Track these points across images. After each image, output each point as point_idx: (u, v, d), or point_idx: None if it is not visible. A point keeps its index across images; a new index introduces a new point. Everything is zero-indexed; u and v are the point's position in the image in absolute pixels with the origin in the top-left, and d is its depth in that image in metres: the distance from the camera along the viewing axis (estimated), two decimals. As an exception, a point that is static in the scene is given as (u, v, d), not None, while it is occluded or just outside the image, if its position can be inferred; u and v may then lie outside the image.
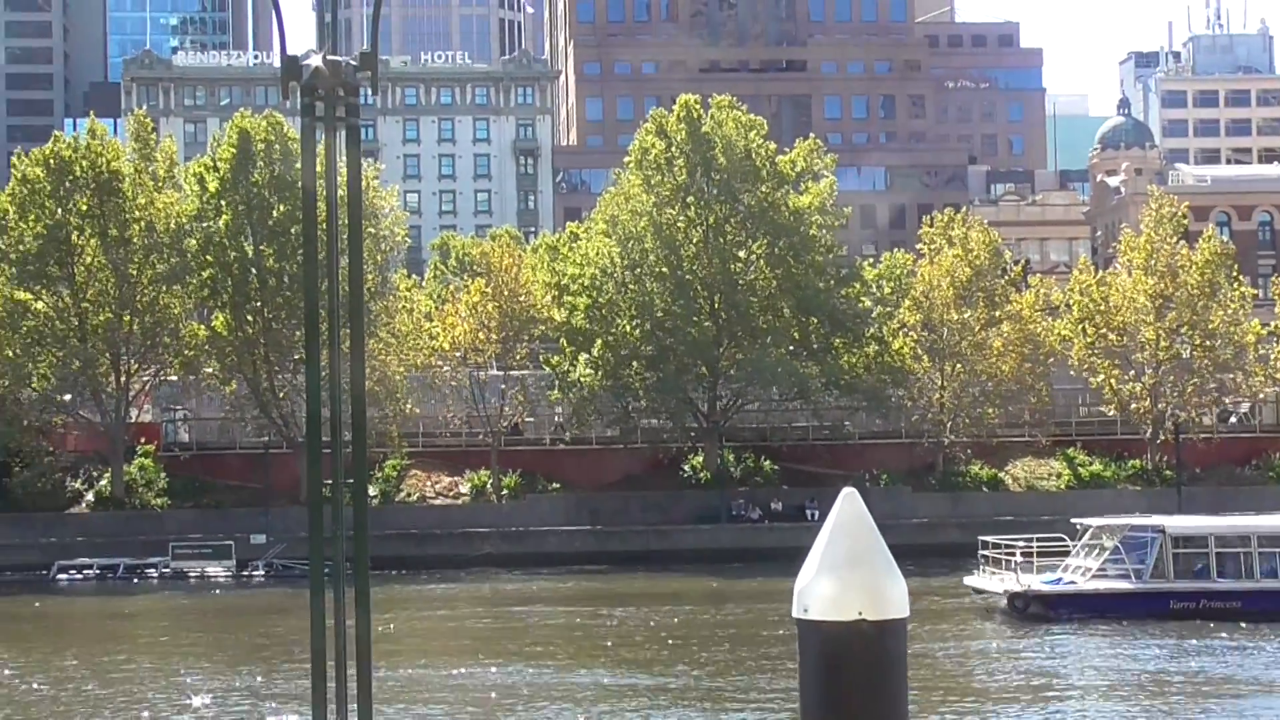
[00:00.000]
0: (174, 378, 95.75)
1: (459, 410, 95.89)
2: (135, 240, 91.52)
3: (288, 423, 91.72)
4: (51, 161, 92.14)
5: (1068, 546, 64.04)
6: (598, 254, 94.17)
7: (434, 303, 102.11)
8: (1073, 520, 66.03)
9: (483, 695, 46.65)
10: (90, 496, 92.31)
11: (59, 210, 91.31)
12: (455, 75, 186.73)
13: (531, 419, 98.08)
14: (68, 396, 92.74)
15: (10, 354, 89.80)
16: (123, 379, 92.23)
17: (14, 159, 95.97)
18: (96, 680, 50.72)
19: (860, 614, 9.75)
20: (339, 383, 11.24)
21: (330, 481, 11.44)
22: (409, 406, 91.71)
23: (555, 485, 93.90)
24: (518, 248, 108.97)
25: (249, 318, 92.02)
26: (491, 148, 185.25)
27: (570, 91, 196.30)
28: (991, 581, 63.05)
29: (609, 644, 57.57)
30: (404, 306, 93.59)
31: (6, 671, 53.15)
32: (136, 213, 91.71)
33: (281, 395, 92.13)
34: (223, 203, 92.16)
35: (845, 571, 9.82)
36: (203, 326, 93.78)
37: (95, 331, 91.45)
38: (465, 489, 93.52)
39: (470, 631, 63.81)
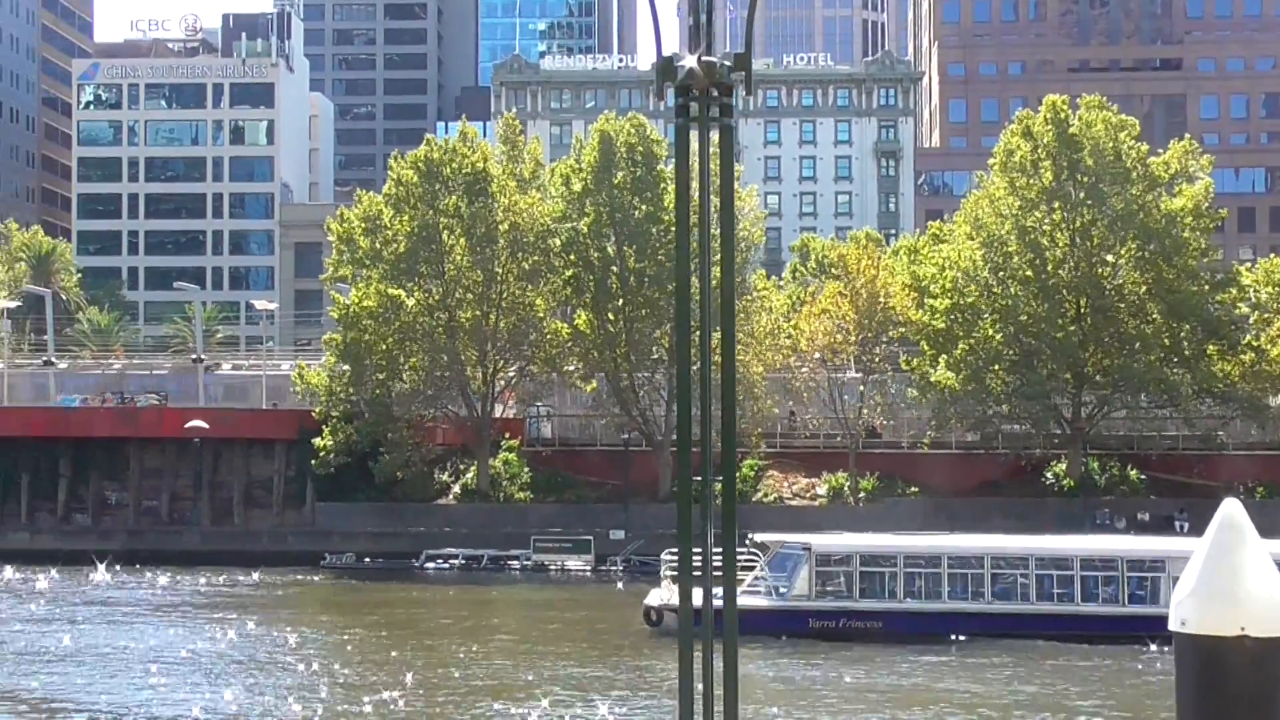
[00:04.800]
0: (537, 374, 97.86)
1: (817, 411, 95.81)
2: (501, 240, 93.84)
3: (647, 420, 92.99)
4: (423, 164, 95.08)
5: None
6: (960, 256, 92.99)
7: (792, 303, 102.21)
8: (748, 536, 63.42)
9: (829, 692, 46.57)
10: (457, 489, 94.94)
11: (430, 210, 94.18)
12: (817, 77, 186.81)
13: (890, 421, 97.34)
14: (433, 391, 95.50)
15: (384, 348, 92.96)
16: (488, 374, 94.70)
17: (390, 161, 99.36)
18: (462, 668, 52.15)
19: (1243, 629, 9.39)
20: (709, 382, 11.27)
21: (699, 478, 11.49)
22: (768, 406, 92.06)
23: (913, 489, 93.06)
24: (877, 249, 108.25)
25: (610, 316, 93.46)
26: (853, 149, 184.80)
27: (934, 93, 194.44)
28: (651, 595, 61.90)
29: (953, 653, 56.73)
30: (762, 307, 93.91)
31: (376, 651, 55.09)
32: (502, 213, 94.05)
33: (641, 393, 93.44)
34: (586, 203, 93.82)
35: (1228, 585, 9.46)
36: (565, 325, 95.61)
37: (463, 328, 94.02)
38: (822, 490, 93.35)
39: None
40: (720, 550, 11.23)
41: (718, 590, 11.25)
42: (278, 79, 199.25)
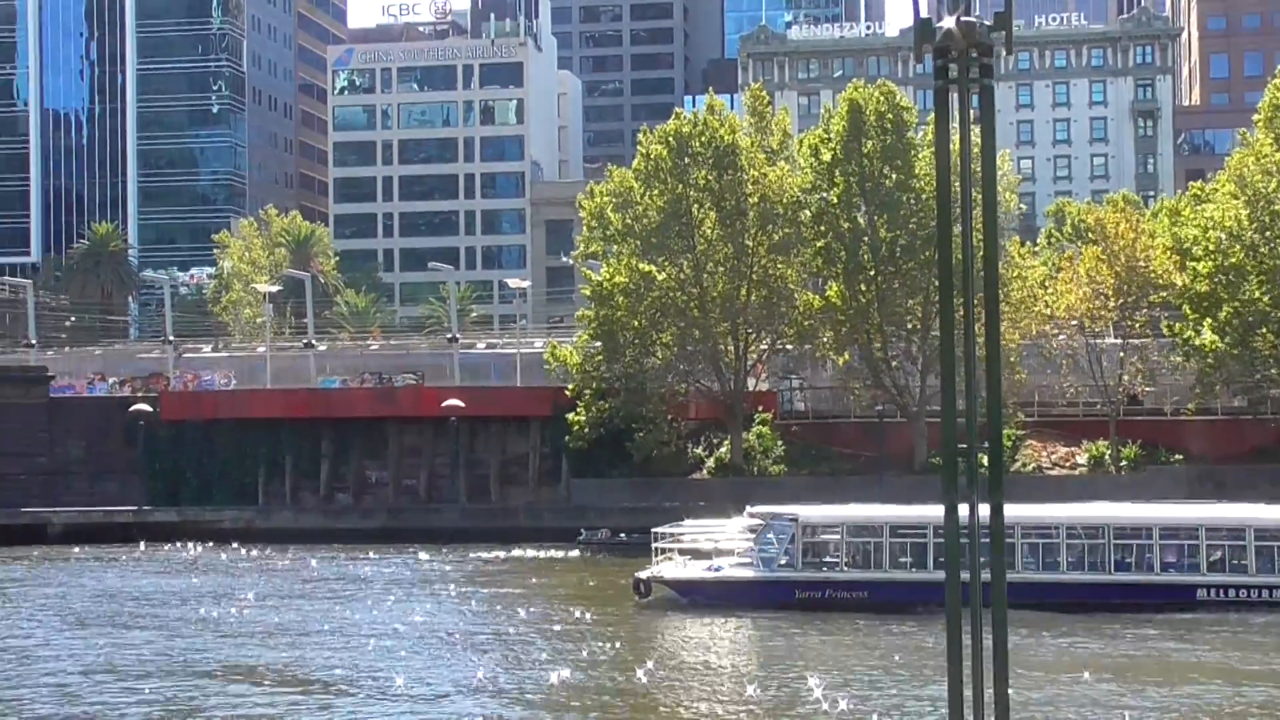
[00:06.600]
0: (789, 347, 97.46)
1: (1075, 379, 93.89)
2: (751, 212, 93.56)
3: (901, 392, 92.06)
4: (672, 138, 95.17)
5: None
6: (1224, 216, 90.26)
7: (1048, 270, 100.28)
8: (746, 509, 64.02)
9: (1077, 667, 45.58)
10: (710, 463, 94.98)
11: (679, 184, 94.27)
12: (1071, 37, 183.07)
13: (1151, 388, 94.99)
14: (686, 366, 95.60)
15: (636, 324, 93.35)
16: (740, 348, 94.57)
17: (639, 136, 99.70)
18: (706, 645, 52.13)
19: None
20: (973, 352, 10.88)
21: (964, 446, 11.11)
22: (1023, 375, 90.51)
23: (1177, 457, 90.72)
24: (1135, 212, 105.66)
25: (862, 287, 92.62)
26: (1108, 110, 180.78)
27: (1193, 48, 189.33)
28: (650, 569, 62.32)
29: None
30: (1017, 274, 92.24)
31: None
32: (751, 185, 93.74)
33: (894, 364, 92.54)
34: (836, 173, 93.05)
35: None
36: (817, 296, 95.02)
37: (714, 302, 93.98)
38: (1082, 460, 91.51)
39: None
40: (983, 521, 10.83)
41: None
42: (526, 58, 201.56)
